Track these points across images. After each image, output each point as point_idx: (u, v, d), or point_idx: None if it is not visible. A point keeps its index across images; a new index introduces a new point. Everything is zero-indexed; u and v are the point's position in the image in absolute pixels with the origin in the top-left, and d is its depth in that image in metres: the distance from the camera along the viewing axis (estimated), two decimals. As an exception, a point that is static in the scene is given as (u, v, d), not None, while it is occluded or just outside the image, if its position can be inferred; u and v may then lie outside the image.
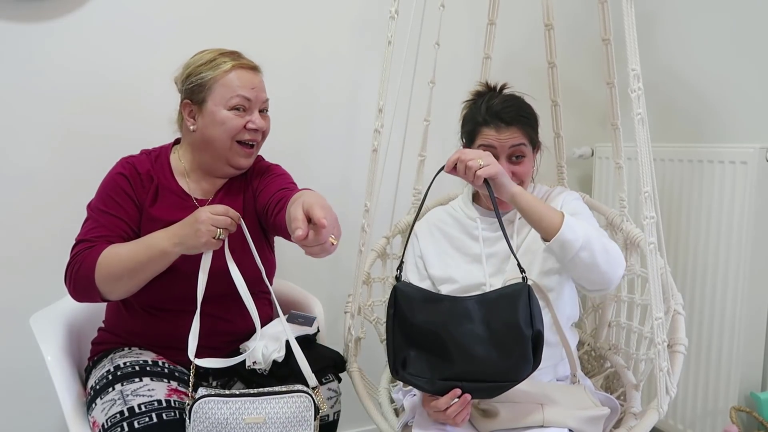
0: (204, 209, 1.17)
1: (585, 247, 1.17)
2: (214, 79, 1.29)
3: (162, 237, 1.20)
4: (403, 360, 1.15)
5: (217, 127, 1.29)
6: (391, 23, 1.46)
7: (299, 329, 1.37)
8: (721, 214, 1.73)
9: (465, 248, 1.40)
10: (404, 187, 1.70)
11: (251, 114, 1.31)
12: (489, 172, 1.18)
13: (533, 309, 1.12)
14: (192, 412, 1.13)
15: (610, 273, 1.21)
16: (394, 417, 1.40)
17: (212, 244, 1.16)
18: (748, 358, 1.72)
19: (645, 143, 1.21)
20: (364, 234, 1.52)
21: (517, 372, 1.11)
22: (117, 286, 1.21)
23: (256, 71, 1.34)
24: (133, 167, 1.33)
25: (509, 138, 1.31)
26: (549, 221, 1.18)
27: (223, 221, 1.16)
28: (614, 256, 1.21)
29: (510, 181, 1.22)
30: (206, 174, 1.38)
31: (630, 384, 1.41)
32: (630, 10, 1.20)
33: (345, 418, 1.46)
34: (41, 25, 1.53)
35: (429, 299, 1.18)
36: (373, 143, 1.51)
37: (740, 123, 1.80)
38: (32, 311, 1.38)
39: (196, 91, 1.31)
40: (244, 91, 1.29)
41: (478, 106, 1.36)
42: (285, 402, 1.17)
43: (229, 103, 1.29)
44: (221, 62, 1.30)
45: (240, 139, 1.32)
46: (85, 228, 1.28)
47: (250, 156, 1.35)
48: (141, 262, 1.19)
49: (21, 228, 1.57)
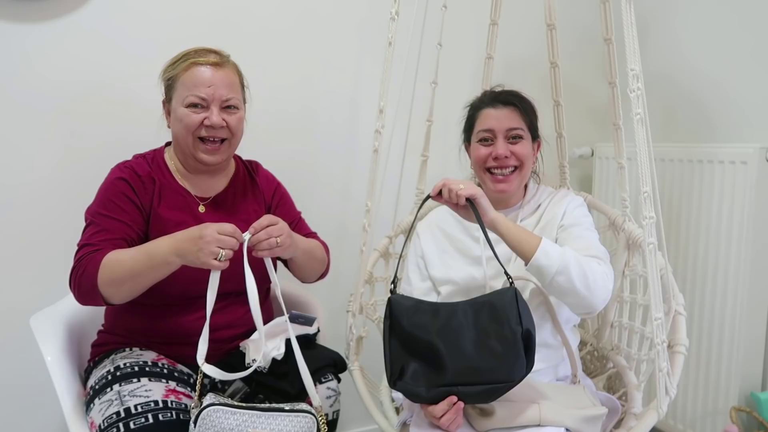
0: (211, 227, 1.15)
1: (561, 272, 1.19)
2: (175, 77, 1.31)
3: (164, 246, 1.19)
4: (401, 370, 1.17)
5: (178, 124, 1.31)
6: (391, 24, 1.47)
7: (299, 329, 1.37)
8: (721, 214, 1.73)
9: (466, 249, 1.40)
10: (407, 187, 1.70)
11: (208, 111, 1.30)
12: (470, 191, 1.22)
13: (521, 309, 1.14)
14: (199, 419, 1.13)
15: (590, 298, 1.21)
16: (394, 415, 1.41)
17: (213, 264, 1.14)
18: (748, 358, 1.72)
19: (644, 143, 1.21)
20: (364, 234, 1.53)
21: (511, 372, 1.12)
22: (119, 291, 1.21)
23: (219, 66, 1.31)
24: (132, 170, 1.32)
25: (507, 118, 1.37)
26: (527, 246, 1.21)
27: (228, 242, 1.15)
28: (596, 281, 1.21)
29: (490, 206, 1.25)
30: (198, 173, 1.38)
31: (632, 384, 1.41)
32: (629, 9, 1.20)
33: (346, 418, 1.46)
34: (41, 26, 1.53)
35: (422, 309, 1.20)
36: (373, 144, 1.51)
37: (740, 123, 1.81)
38: (32, 312, 1.38)
39: (167, 90, 1.33)
40: (200, 90, 1.29)
41: (480, 96, 1.43)
42: (290, 420, 1.17)
43: (185, 101, 1.29)
44: (182, 60, 1.31)
45: (199, 135, 1.31)
46: (88, 233, 1.27)
47: (214, 153, 1.33)
48: (143, 269, 1.19)
49: (21, 229, 1.56)
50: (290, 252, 1.29)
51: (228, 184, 1.42)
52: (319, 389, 1.32)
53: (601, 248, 1.31)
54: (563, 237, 1.34)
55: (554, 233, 1.35)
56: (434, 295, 1.40)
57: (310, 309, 1.58)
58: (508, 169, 1.37)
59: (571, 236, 1.32)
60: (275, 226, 1.21)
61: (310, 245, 1.42)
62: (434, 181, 1.73)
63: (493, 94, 1.43)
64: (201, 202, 1.37)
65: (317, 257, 1.44)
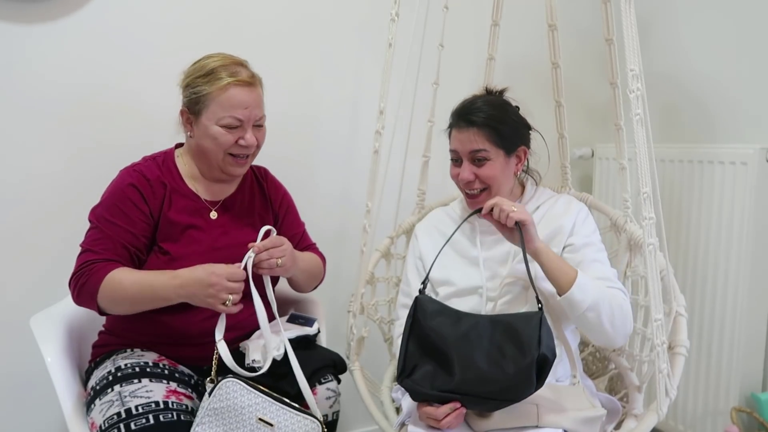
0: (220, 273, 1.17)
1: (592, 308, 1.21)
2: (209, 95, 1.28)
3: (169, 288, 1.21)
4: (412, 368, 1.19)
5: (209, 140, 1.31)
6: (391, 25, 1.47)
7: (299, 329, 1.37)
8: (721, 215, 1.74)
9: (464, 251, 1.40)
10: (408, 188, 1.70)
11: (243, 131, 1.31)
12: (520, 216, 1.22)
13: (543, 336, 1.13)
14: (217, 387, 1.15)
15: (614, 335, 1.25)
16: (395, 415, 1.41)
17: (221, 309, 1.19)
18: (748, 359, 1.72)
19: (644, 144, 1.21)
20: (365, 234, 1.53)
21: (517, 393, 1.13)
22: (116, 308, 1.25)
23: (253, 86, 1.32)
24: (141, 175, 1.32)
25: (469, 141, 1.33)
26: (564, 279, 1.22)
27: (237, 288, 1.19)
28: (622, 320, 1.25)
29: (536, 235, 1.25)
30: (212, 180, 1.39)
31: (632, 385, 1.41)
32: (629, 10, 1.20)
33: (346, 419, 1.46)
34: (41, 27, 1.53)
35: (445, 314, 1.22)
36: (374, 144, 1.51)
37: (740, 124, 1.81)
38: (32, 312, 1.38)
39: (193, 102, 1.31)
40: (237, 112, 1.29)
41: (455, 108, 1.39)
42: (298, 420, 1.19)
43: (221, 122, 1.29)
44: (218, 77, 1.28)
45: (231, 152, 1.33)
46: (91, 237, 1.28)
47: (243, 166, 1.37)
48: (143, 299, 1.23)
49: (21, 229, 1.56)
50: (290, 272, 1.34)
51: (237, 188, 1.43)
52: (318, 390, 1.33)
53: (613, 271, 1.33)
54: (574, 259, 1.32)
55: (560, 247, 1.34)
56: (432, 295, 1.40)
57: (311, 309, 1.58)
58: (476, 190, 1.36)
59: (586, 260, 1.31)
60: (278, 248, 1.26)
61: (310, 264, 1.45)
62: (435, 181, 1.76)
63: (458, 111, 1.37)
64: (211, 207, 1.37)
65: (315, 274, 1.48)
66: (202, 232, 1.34)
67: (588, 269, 1.29)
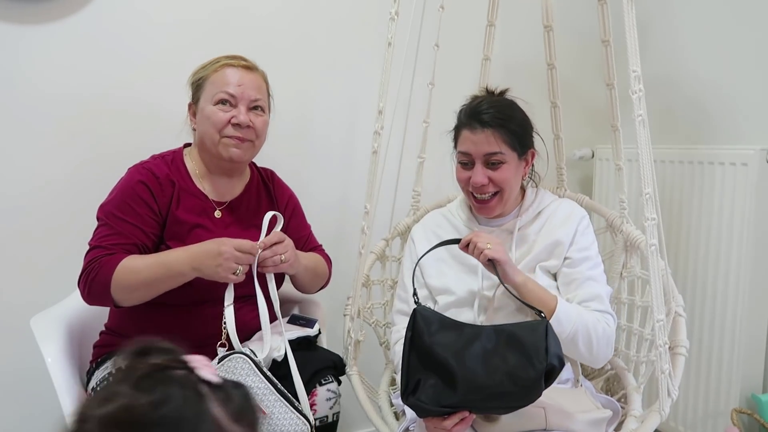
0: (229, 243, 1.19)
1: (571, 339, 1.22)
2: (205, 77, 1.34)
3: (181, 259, 1.22)
4: (416, 384, 1.13)
5: (205, 121, 1.33)
6: (391, 24, 1.46)
7: (300, 330, 1.37)
8: (722, 216, 1.73)
9: (462, 258, 1.35)
10: (404, 189, 1.70)
11: (237, 111, 1.32)
12: (494, 254, 1.22)
13: (550, 343, 1.10)
14: (226, 359, 1.17)
15: (592, 360, 1.28)
16: (393, 420, 1.40)
17: (231, 279, 1.20)
18: (749, 359, 1.71)
19: (646, 145, 1.21)
20: (363, 236, 1.52)
21: (520, 401, 1.12)
22: (131, 296, 1.24)
23: (250, 70, 1.36)
24: (150, 173, 1.32)
25: (484, 143, 1.29)
26: (545, 310, 1.21)
27: (245, 259, 1.20)
28: (599, 348, 1.25)
29: (514, 271, 1.24)
30: (218, 174, 1.39)
31: (631, 386, 1.41)
32: (630, 11, 1.20)
33: (347, 420, 1.46)
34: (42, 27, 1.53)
35: (446, 325, 1.18)
36: (372, 145, 1.50)
37: (740, 125, 1.80)
38: (33, 313, 1.38)
39: (195, 91, 1.36)
40: (229, 87, 1.32)
41: (463, 108, 1.36)
42: (290, 417, 1.18)
43: (214, 99, 1.32)
44: (215, 62, 1.35)
45: (226, 134, 1.32)
46: (100, 234, 1.28)
47: (239, 147, 1.34)
48: (157, 279, 1.22)
49: (21, 230, 1.56)
50: (294, 269, 1.35)
51: (243, 189, 1.43)
52: (319, 391, 1.33)
53: (606, 290, 1.31)
54: (570, 275, 1.31)
55: (561, 259, 1.33)
56: (431, 303, 1.38)
57: (312, 310, 1.58)
58: (487, 194, 1.32)
59: (581, 277, 1.30)
60: (281, 244, 1.28)
61: (314, 262, 1.46)
62: (431, 183, 1.76)
63: (471, 110, 1.32)
64: (217, 207, 1.38)
65: (319, 273, 1.48)
66: (208, 232, 1.33)
67: (580, 288, 1.28)
